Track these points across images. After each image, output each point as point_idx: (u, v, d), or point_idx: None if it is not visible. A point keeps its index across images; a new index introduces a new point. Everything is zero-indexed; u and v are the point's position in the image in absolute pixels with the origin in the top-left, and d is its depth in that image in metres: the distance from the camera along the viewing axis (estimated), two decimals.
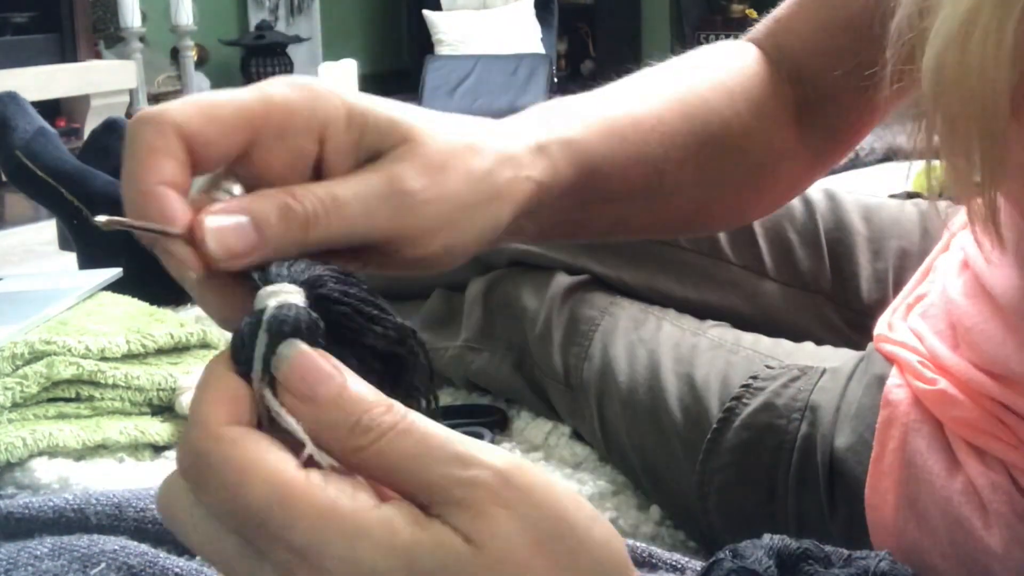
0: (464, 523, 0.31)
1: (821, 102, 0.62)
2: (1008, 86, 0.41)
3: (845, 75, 0.58)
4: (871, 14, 0.53)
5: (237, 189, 0.38)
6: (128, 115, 3.86)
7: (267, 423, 0.33)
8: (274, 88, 0.38)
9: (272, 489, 0.30)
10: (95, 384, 0.94)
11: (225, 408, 0.32)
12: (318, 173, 0.39)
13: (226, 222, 0.35)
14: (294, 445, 0.32)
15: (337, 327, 0.34)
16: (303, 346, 0.32)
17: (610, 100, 0.54)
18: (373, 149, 0.40)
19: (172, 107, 0.36)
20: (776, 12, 0.64)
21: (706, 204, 0.60)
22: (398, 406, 0.32)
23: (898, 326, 0.67)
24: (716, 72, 0.59)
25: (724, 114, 0.57)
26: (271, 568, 0.31)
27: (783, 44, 0.62)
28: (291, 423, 0.32)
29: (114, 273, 1.19)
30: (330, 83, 0.40)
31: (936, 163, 0.48)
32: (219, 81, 5.13)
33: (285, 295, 0.33)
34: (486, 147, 0.43)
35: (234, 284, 0.35)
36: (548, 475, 0.33)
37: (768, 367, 0.74)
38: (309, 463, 0.32)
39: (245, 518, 0.31)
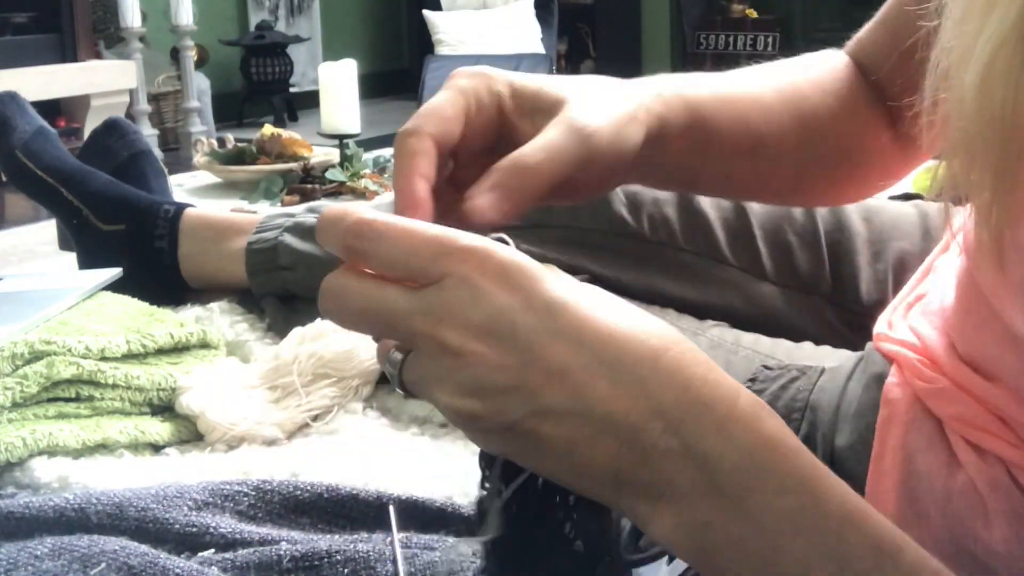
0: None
1: (899, 112, 0.66)
2: None
3: (909, 94, 0.63)
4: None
5: None
6: (128, 115, 3.87)
7: None
8: (463, 83, 0.50)
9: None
10: (95, 384, 0.94)
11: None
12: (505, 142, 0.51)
13: (486, 196, 0.47)
14: None
15: None
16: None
17: (716, 78, 0.64)
18: (533, 112, 0.51)
19: (422, 120, 0.48)
20: (861, 31, 0.73)
21: (805, 178, 0.68)
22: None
23: (898, 325, 0.67)
24: (810, 72, 0.69)
25: (817, 106, 0.67)
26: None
27: (863, 60, 0.71)
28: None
29: (114, 273, 1.19)
30: (493, 69, 0.52)
31: (937, 163, 0.49)
32: (219, 81, 5.13)
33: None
34: (616, 90, 0.55)
35: None
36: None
37: (767, 367, 0.74)
38: None
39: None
